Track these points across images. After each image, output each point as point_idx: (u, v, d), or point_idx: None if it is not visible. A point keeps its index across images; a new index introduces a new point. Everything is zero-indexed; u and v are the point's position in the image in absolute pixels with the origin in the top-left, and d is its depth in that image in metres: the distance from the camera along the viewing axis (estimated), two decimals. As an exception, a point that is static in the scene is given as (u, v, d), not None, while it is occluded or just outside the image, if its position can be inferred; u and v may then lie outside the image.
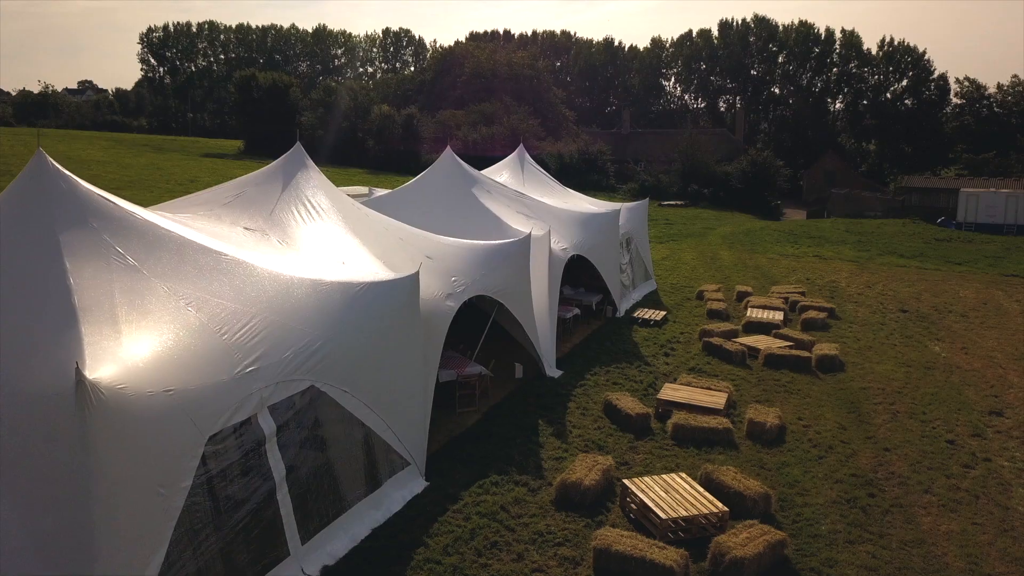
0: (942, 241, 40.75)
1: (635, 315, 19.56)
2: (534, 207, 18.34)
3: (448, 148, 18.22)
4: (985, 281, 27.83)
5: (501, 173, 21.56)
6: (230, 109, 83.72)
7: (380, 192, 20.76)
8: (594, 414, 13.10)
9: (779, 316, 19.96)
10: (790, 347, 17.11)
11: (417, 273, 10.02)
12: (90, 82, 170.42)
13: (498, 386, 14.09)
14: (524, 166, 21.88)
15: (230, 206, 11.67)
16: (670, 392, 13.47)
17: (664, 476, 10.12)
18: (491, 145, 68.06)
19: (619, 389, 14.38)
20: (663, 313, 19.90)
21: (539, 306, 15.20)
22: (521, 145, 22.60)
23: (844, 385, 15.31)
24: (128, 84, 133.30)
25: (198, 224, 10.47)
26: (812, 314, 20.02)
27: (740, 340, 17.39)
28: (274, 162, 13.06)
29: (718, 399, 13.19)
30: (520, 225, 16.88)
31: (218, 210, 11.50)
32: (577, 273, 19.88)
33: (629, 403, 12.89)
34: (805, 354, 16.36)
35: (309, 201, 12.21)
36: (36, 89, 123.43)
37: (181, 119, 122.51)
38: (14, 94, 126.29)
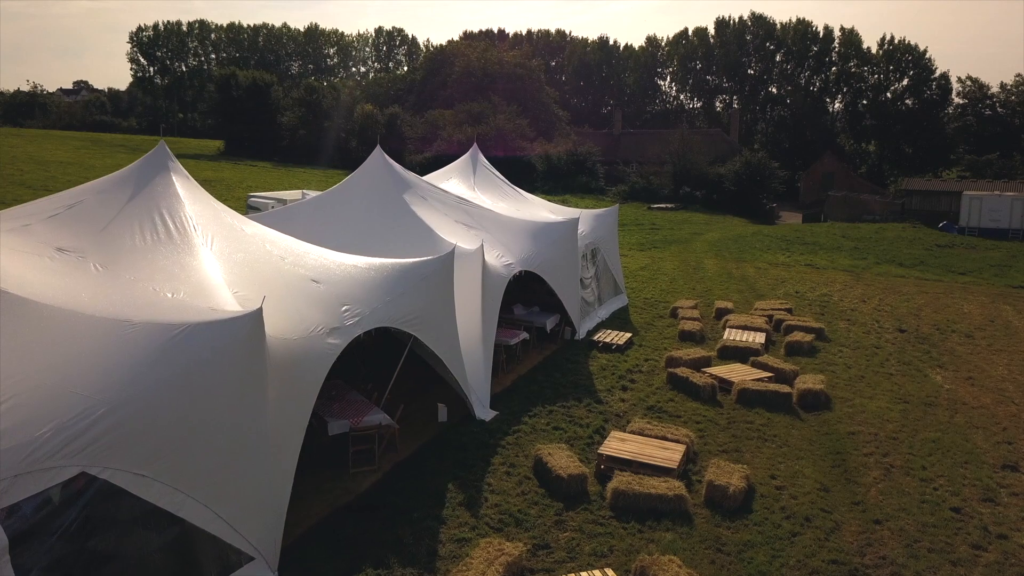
0: (944, 247, 38.44)
1: (596, 338, 17.21)
2: (478, 216, 16.02)
3: (378, 147, 15.90)
4: (991, 294, 25.47)
5: (448, 177, 19.25)
6: (210, 108, 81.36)
7: (313, 195, 18.48)
8: (521, 473, 10.75)
9: (760, 339, 17.63)
10: (768, 379, 14.77)
11: (259, 309, 7.67)
12: (85, 82, 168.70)
13: (414, 433, 11.77)
14: (476, 169, 19.55)
15: (56, 219, 9.36)
16: (616, 444, 11.12)
17: (582, 575, 7.78)
18: (478, 144, 65.71)
19: (560, 436, 12.05)
20: (628, 336, 17.54)
21: (469, 335, 12.87)
22: (475, 145, 20.28)
23: (829, 428, 12.96)
24: (126, 85, 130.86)
25: (-11, 245, 8.14)
26: (797, 336, 17.67)
27: (711, 370, 15.04)
28: (130, 165, 10.74)
29: (672, 455, 10.84)
30: (458, 237, 14.58)
31: (38, 224, 9.19)
32: (532, 290, 17.59)
33: (563, 460, 10.54)
34: (785, 389, 14.00)
35: (163, 214, 9.88)
36: (27, 89, 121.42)
37: (172, 119, 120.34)
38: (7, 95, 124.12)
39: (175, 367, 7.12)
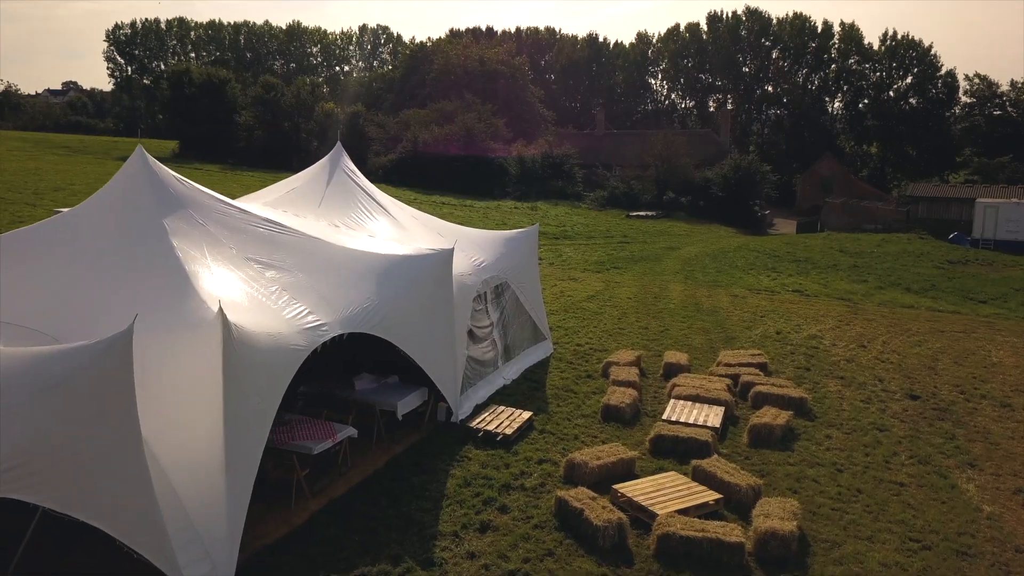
0: (957, 264, 33.30)
1: (475, 424, 11.97)
2: (289, 248, 10.81)
3: (139, 147, 10.73)
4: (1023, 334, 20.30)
5: (290, 185, 14.12)
6: (162, 107, 76.38)
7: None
8: None
9: (715, 418, 12.45)
10: (713, 505, 9.59)
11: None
12: (74, 83, 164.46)
13: None
14: (334, 174, 14.36)
15: None
16: None
17: None
18: (444, 145, 60.62)
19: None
20: (526, 417, 12.30)
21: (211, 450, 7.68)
22: (339, 144, 15.09)
23: (802, 618, 7.77)
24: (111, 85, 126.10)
25: None
26: (767, 417, 12.44)
27: (627, 489, 9.80)
28: None
29: None
30: (233, 286, 9.45)
31: None
32: (393, 349, 12.34)
33: None
34: (735, 534, 8.76)
35: None
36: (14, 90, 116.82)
37: (151, 120, 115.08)
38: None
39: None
